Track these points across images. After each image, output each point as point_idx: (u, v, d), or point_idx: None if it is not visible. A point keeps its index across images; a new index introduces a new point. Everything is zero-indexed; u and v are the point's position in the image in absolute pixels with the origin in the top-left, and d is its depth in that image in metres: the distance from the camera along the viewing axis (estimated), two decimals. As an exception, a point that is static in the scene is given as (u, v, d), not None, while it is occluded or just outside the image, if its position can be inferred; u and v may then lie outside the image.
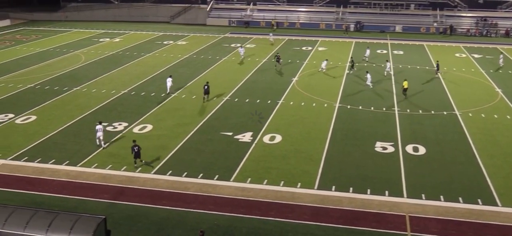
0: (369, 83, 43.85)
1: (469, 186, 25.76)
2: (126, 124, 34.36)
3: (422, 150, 30.27)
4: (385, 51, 61.15)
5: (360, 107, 38.43)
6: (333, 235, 21.31)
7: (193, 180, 26.16)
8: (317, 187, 25.54)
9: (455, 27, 76.81)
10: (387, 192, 24.93)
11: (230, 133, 32.80)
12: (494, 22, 76.91)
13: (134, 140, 28.37)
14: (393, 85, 44.75)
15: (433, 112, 37.53)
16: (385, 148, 30.45)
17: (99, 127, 30.51)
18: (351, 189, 25.22)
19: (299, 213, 22.95)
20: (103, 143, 30.35)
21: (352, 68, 49.62)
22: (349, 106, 38.52)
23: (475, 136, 32.57)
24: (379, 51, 61.27)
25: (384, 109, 37.99)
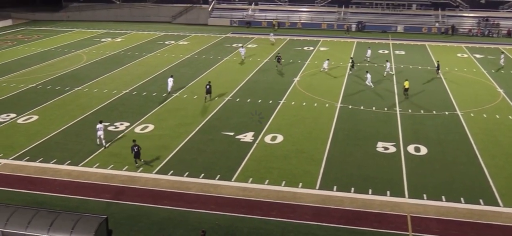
0: (368, 83, 43.80)
1: (470, 186, 25.73)
2: (127, 124, 34.39)
3: (424, 150, 30.24)
4: (386, 51, 61.11)
5: (362, 107, 38.41)
6: (334, 235, 21.30)
7: (194, 180, 26.17)
8: (318, 187, 25.53)
9: (456, 27, 76.73)
10: (388, 192, 24.91)
11: (232, 133, 32.81)
12: (496, 22, 76.81)
13: (134, 140, 28.40)
14: (395, 85, 44.71)
15: (434, 112, 37.49)
16: (386, 148, 30.43)
17: (100, 126, 30.57)
18: (352, 189, 25.21)
19: (301, 213, 22.94)
20: (104, 142, 30.39)
21: (352, 68, 49.60)
22: (350, 106, 38.50)
23: (477, 136, 32.52)
24: (380, 51, 61.22)
25: (386, 109, 37.97)
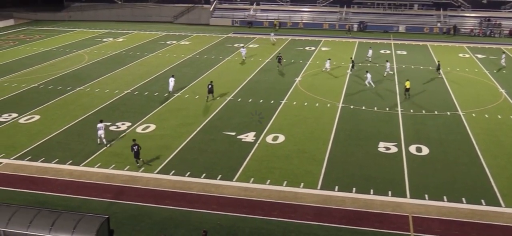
0: (367, 82, 43.69)
1: (472, 186, 25.70)
2: (129, 124, 34.42)
3: (425, 150, 30.21)
4: (388, 51, 61.06)
5: (363, 107, 38.38)
6: (336, 235, 21.29)
7: (196, 180, 26.19)
8: (320, 187, 25.52)
9: (458, 27, 76.62)
10: (390, 193, 24.89)
11: (233, 133, 32.81)
12: (498, 22, 76.70)
13: (134, 139, 28.42)
14: (396, 85, 44.67)
15: (436, 112, 37.46)
16: (388, 148, 30.41)
17: (101, 125, 30.65)
18: (354, 189, 25.19)
19: (302, 213, 22.94)
20: (105, 141, 30.45)
21: (352, 68, 49.55)
22: (352, 106, 38.48)
23: (479, 137, 32.48)
24: (382, 51, 61.18)
25: (387, 109, 37.94)
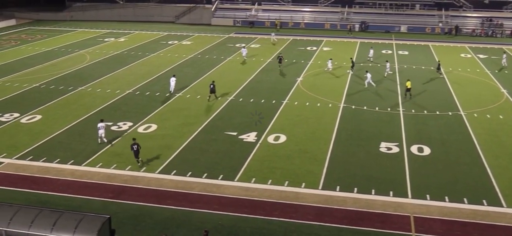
0: (367, 82, 43.60)
1: (474, 186, 25.67)
2: (131, 124, 34.44)
3: (427, 150, 30.18)
4: (390, 52, 61.01)
5: (365, 107, 38.36)
6: (337, 235, 21.28)
7: (197, 179, 26.19)
8: (321, 187, 25.51)
9: (460, 27, 76.55)
10: (391, 193, 24.87)
11: (235, 133, 32.81)
12: (500, 22, 76.61)
13: (134, 138, 28.42)
14: (398, 86, 44.62)
15: (438, 112, 37.41)
16: (389, 149, 30.38)
17: (101, 125, 30.70)
18: (355, 189, 25.18)
19: (303, 213, 22.93)
20: (105, 139, 30.52)
21: (352, 68, 49.50)
22: (353, 106, 38.46)
23: (480, 137, 32.44)
24: (384, 51, 61.12)
25: (389, 109, 37.91)
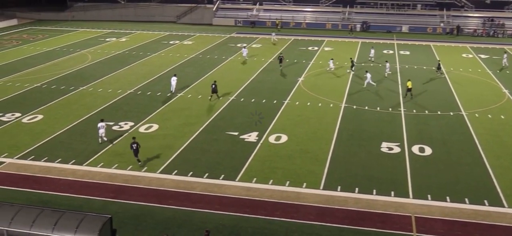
0: (366, 82, 43.55)
1: (475, 187, 25.64)
2: (132, 124, 34.46)
3: (428, 150, 30.16)
4: (391, 52, 60.98)
5: (366, 107, 38.34)
6: (338, 235, 21.28)
7: (198, 179, 26.20)
8: (322, 187, 25.51)
9: (462, 27, 76.48)
10: (392, 193, 24.86)
11: (236, 132, 32.82)
12: (501, 22, 76.50)
13: (134, 137, 28.43)
14: (399, 86, 44.59)
15: (439, 112, 37.39)
16: (391, 149, 30.37)
17: (101, 124, 30.75)
18: (356, 189, 25.17)
19: (305, 213, 22.93)
20: (105, 138, 30.55)
21: (352, 68, 49.48)
22: (355, 106, 38.44)
23: (482, 137, 32.41)
24: (385, 51, 61.08)
25: (390, 109, 37.89)
